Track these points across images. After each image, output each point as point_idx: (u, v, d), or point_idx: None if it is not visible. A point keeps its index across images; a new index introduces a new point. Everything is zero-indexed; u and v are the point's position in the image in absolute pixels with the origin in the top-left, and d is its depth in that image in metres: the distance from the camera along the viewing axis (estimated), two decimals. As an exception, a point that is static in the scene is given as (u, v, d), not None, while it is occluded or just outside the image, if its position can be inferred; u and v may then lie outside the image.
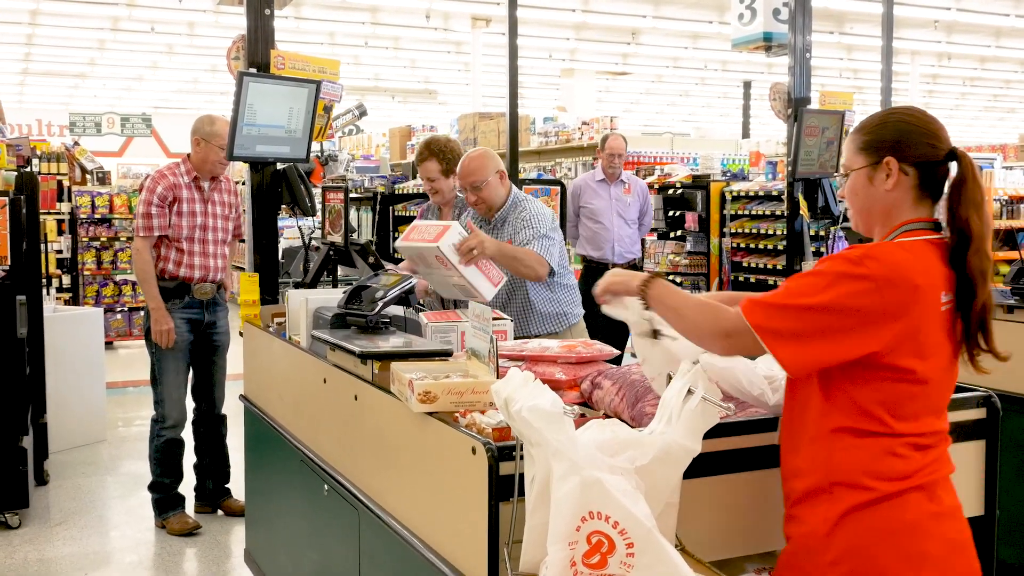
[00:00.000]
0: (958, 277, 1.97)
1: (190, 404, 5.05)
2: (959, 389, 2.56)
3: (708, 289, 7.59)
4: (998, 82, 23.34)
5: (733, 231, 7.50)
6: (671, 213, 7.88)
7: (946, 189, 2.04)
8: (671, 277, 7.85)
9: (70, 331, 6.63)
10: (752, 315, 1.94)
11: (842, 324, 1.90)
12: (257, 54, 4.44)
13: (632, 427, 2.04)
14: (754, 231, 7.36)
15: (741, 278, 7.43)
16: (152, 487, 4.91)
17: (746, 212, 7.40)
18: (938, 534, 1.98)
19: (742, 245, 7.44)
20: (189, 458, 5.02)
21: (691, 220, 7.67)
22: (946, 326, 1.99)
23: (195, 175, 4.78)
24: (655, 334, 2.19)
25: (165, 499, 4.88)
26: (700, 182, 7.71)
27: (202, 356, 4.93)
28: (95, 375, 6.80)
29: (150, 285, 4.71)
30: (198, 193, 4.79)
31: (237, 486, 4.99)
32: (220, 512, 5.12)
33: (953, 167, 2.03)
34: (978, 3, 14.94)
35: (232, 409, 4.95)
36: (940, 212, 2.04)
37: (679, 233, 7.79)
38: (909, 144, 2.01)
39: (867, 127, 2.09)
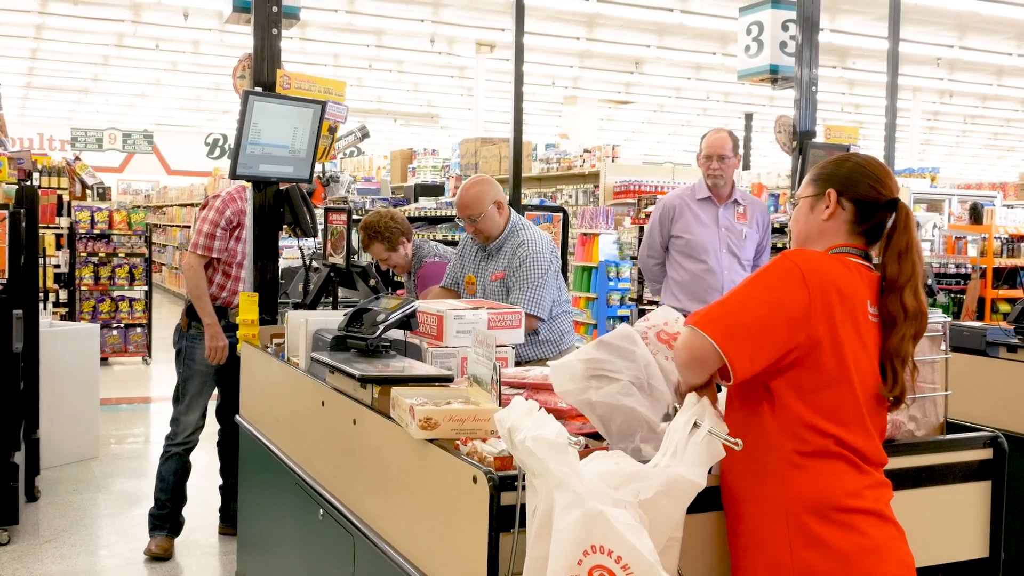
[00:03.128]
0: (880, 316, 2.11)
1: (214, 426, 5.01)
2: (966, 429, 2.54)
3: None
4: (999, 120, 23.47)
5: (734, 262, 7.45)
6: (672, 243, 7.83)
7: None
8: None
9: (66, 346, 6.59)
10: (691, 318, 2.05)
11: (775, 313, 2.00)
12: (263, 73, 4.43)
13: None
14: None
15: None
16: (154, 501, 4.86)
17: (747, 243, 7.35)
18: (896, 556, 2.03)
19: (742, 276, 7.40)
20: (201, 482, 4.96)
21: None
22: (874, 337, 2.10)
23: None
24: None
25: (156, 516, 4.82)
26: (701, 212, 7.67)
27: (231, 378, 4.82)
28: (89, 391, 6.75)
29: (205, 301, 4.67)
30: None
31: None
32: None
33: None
34: (980, 42, 15.04)
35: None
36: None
37: (679, 263, 7.73)
38: (852, 182, 2.17)
39: (822, 164, 2.27)
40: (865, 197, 2.16)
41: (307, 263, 4.70)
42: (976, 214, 9.59)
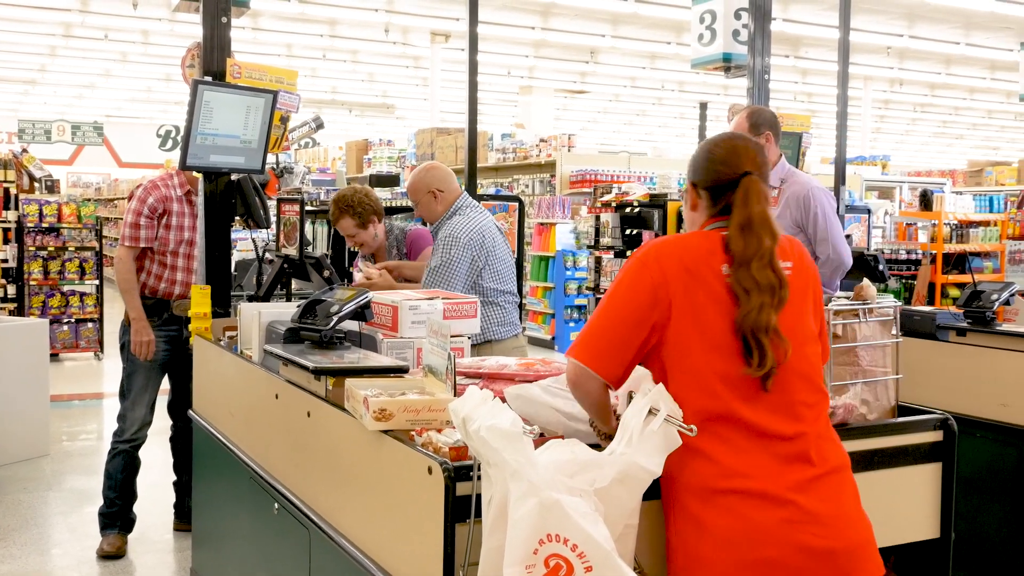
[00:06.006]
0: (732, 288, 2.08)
1: (166, 422, 4.94)
2: (917, 411, 2.58)
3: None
4: (947, 109, 23.82)
5: (689, 250, 7.49)
6: (628, 231, 7.87)
7: None
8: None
9: (13, 342, 6.47)
10: (570, 350, 2.10)
11: (626, 311, 2.07)
12: (213, 62, 4.36)
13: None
14: (710, 251, 7.37)
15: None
16: (104, 499, 4.79)
17: (702, 232, 7.41)
18: (786, 540, 1.96)
19: (698, 264, 7.44)
20: (155, 478, 4.89)
21: (648, 239, 7.65)
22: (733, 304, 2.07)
23: (188, 189, 4.68)
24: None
25: (105, 515, 4.76)
26: (657, 201, 7.71)
27: (181, 372, 4.75)
28: (39, 388, 6.63)
29: (132, 295, 4.60)
30: (188, 207, 4.68)
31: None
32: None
33: None
34: (929, 31, 15.24)
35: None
36: None
37: (636, 252, 7.77)
38: (700, 169, 2.22)
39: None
40: (713, 182, 2.18)
41: (260, 255, 4.65)
42: (926, 201, 9.73)
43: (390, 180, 9.69)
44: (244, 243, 7.24)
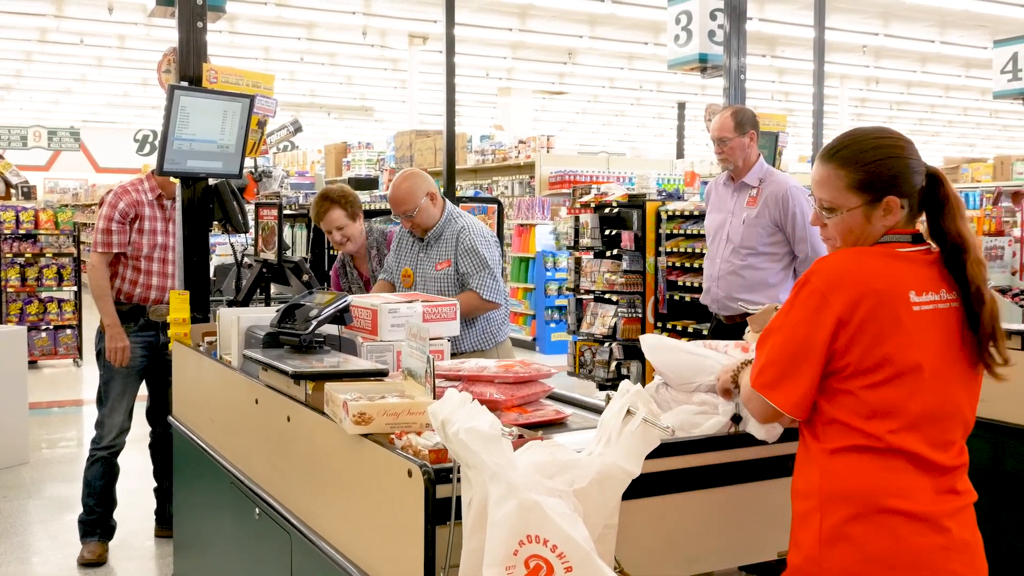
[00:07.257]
0: (961, 288, 2.01)
1: (145, 428, 4.93)
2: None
3: (644, 307, 7.62)
4: (923, 106, 24.00)
5: (668, 250, 7.53)
6: (607, 232, 7.90)
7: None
8: (607, 296, 7.87)
9: (-9, 350, 6.42)
10: (762, 386, 2.04)
11: (810, 346, 1.97)
12: (189, 67, 4.35)
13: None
14: (689, 250, 7.41)
15: (676, 297, 7.45)
16: (83, 507, 4.77)
17: (681, 232, 7.45)
18: (943, 568, 1.94)
19: (677, 264, 7.48)
20: (136, 485, 4.87)
21: (627, 239, 7.67)
22: (931, 327, 1.99)
23: (159, 193, 4.65)
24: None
25: (85, 522, 4.74)
26: (636, 201, 7.74)
27: (159, 378, 4.75)
28: (17, 395, 6.59)
29: (105, 301, 4.58)
30: (160, 211, 4.66)
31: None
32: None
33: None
34: (904, 29, 15.35)
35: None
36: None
37: (615, 252, 7.80)
38: (906, 180, 2.04)
39: (859, 161, 2.05)
40: (916, 186, 2.05)
41: (239, 259, 4.63)
42: (903, 198, 9.80)
43: (369, 183, 9.68)
44: (223, 248, 7.21)
